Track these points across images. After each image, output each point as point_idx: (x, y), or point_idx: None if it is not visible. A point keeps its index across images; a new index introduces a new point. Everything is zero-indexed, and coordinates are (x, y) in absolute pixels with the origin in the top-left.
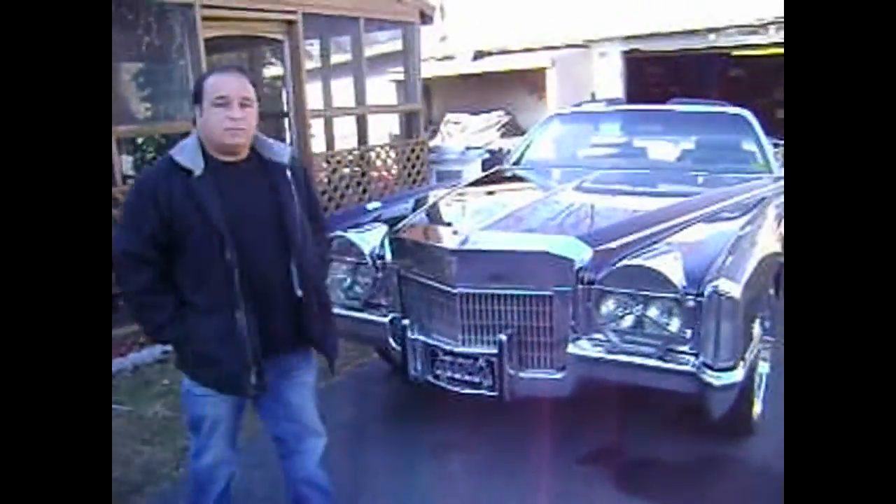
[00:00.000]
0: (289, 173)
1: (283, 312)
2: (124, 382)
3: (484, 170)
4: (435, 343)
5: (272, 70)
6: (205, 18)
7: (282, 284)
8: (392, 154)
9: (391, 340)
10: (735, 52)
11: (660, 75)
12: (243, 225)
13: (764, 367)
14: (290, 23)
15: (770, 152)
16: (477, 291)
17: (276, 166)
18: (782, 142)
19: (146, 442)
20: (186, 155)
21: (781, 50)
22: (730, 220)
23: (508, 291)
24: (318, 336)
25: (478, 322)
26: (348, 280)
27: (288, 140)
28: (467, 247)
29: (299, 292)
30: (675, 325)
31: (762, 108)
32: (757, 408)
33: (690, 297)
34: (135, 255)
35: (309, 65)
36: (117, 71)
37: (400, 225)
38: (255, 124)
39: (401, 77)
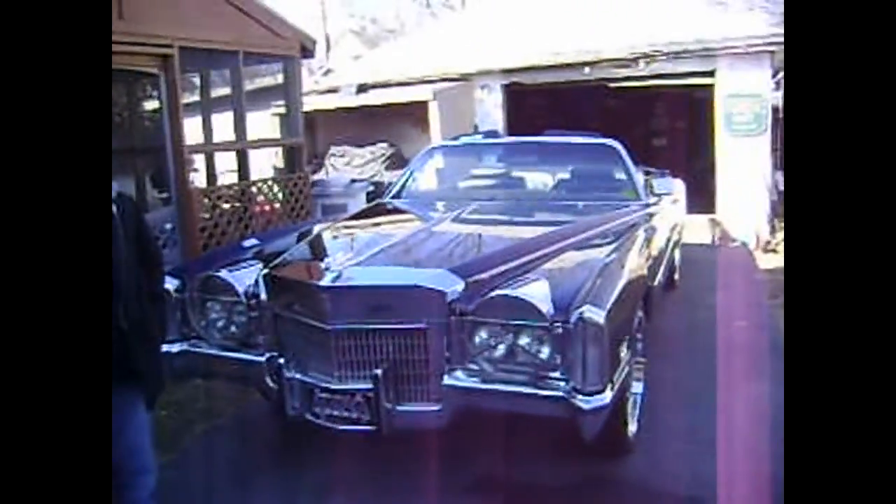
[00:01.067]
0: (114, 209)
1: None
2: None
3: (368, 202)
4: (312, 381)
5: (152, 103)
6: None
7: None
8: (275, 188)
9: (268, 380)
10: (612, 84)
11: (541, 107)
12: None
13: (637, 388)
14: (166, 57)
15: (639, 181)
16: (351, 327)
17: None
18: (653, 170)
19: None
20: None
21: (656, 82)
22: (598, 247)
23: (382, 326)
24: (141, 371)
25: (353, 358)
26: (223, 320)
27: (168, 175)
28: (339, 283)
29: (124, 327)
30: (545, 352)
31: (639, 138)
32: (632, 427)
33: (558, 324)
34: None
35: (189, 98)
36: None
37: (274, 262)
38: None
39: (283, 111)
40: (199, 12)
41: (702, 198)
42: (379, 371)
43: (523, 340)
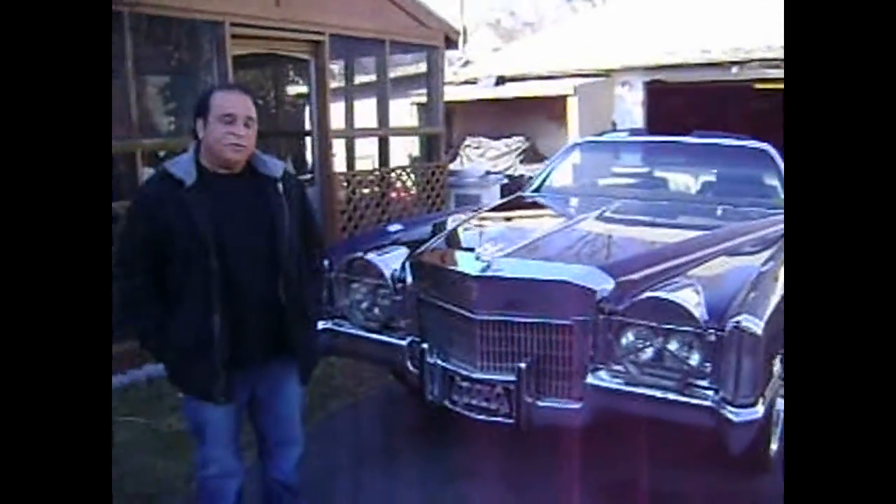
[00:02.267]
0: (280, 186)
1: (264, 322)
2: (138, 394)
3: (503, 195)
4: (453, 368)
5: (296, 88)
6: (234, 36)
7: (265, 294)
8: (412, 176)
9: (408, 364)
10: (757, 86)
11: (681, 106)
12: (231, 234)
13: (779, 404)
14: (317, 43)
15: None
16: (496, 318)
17: (268, 180)
18: None
19: (160, 454)
20: (180, 166)
21: None
22: (751, 255)
23: (528, 320)
24: (297, 345)
25: (496, 349)
26: (367, 302)
27: (310, 159)
28: (488, 273)
29: (283, 300)
30: (695, 359)
31: (783, 142)
32: (774, 444)
33: (712, 331)
34: (126, 263)
35: (332, 84)
36: (145, 84)
37: (421, 248)
38: (254, 142)
39: (423, 100)
40: (351, 1)
41: None
42: (522, 364)
43: (673, 345)
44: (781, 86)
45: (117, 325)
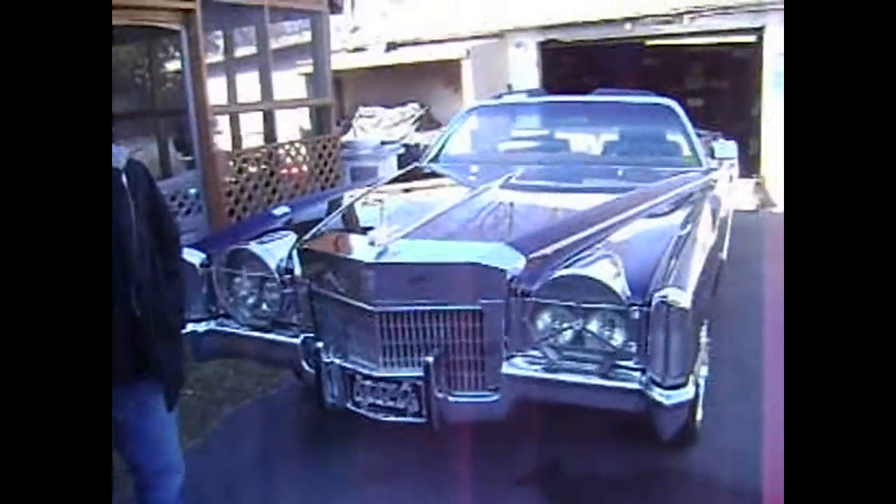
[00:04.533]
0: (124, 179)
1: (119, 336)
2: None
3: (400, 166)
4: (353, 367)
5: (174, 64)
6: None
7: (116, 304)
8: (302, 151)
9: (304, 364)
10: (648, 42)
11: (575, 66)
12: None
13: (703, 371)
14: (188, 11)
15: (698, 144)
16: (398, 309)
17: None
18: (705, 132)
19: None
20: None
21: (693, 41)
22: (666, 218)
23: (433, 307)
24: (157, 362)
25: (400, 342)
26: (253, 297)
27: (191, 139)
28: (385, 259)
29: (137, 312)
30: (618, 338)
31: (674, 98)
32: (699, 415)
33: (635, 307)
34: None
35: (213, 58)
36: None
37: (309, 234)
38: None
39: (310, 70)
40: None
41: (743, 160)
42: (430, 358)
43: (593, 325)
44: (671, 42)
45: None
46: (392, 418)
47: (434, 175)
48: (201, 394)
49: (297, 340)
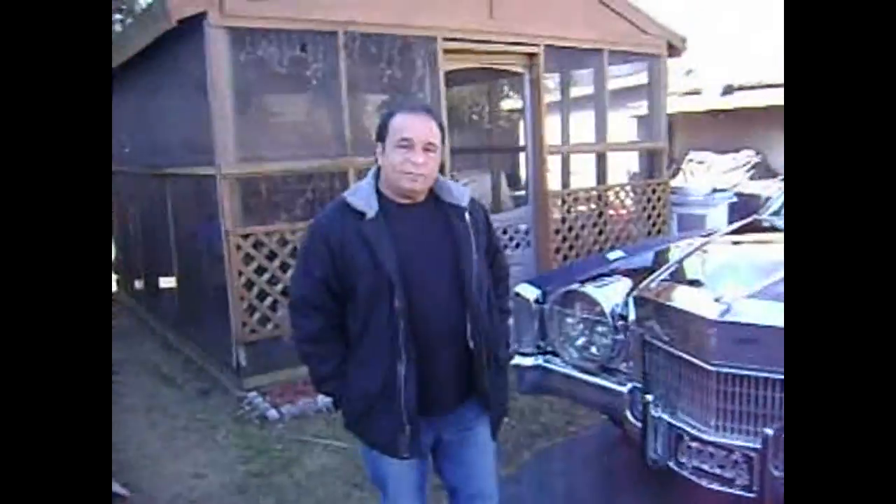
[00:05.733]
0: (467, 217)
1: (452, 365)
2: (280, 426)
3: (732, 215)
4: (681, 425)
5: (510, 103)
6: (446, 51)
7: (452, 334)
8: (631, 194)
9: (628, 414)
10: None
11: None
12: (415, 270)
13: None
14: (532, 55)
15: None
16: (738, 372)
17: (453, 209)
18: None
19: (356, 486)
20: (360, 196)
21: None
22: None
23: (778, 376)
24: (486, 391)
25: (737, 407)
26: (583, 339)
27: (524, 176)
28: (729, 318)
29: (471, 343)
30: None
31: None
32: None
33: None
34: (306, 301)
35: (547, 98)
36: (363, 103)
37: (646, 282)
38: (437, 169)
39: (642, 112)
40: (566, 9)
41: None
42: (770, 430)
43: None
44: None
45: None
46: (716, 486)
47: (778, 230)
48: (516, 424)
49: (623, 388)
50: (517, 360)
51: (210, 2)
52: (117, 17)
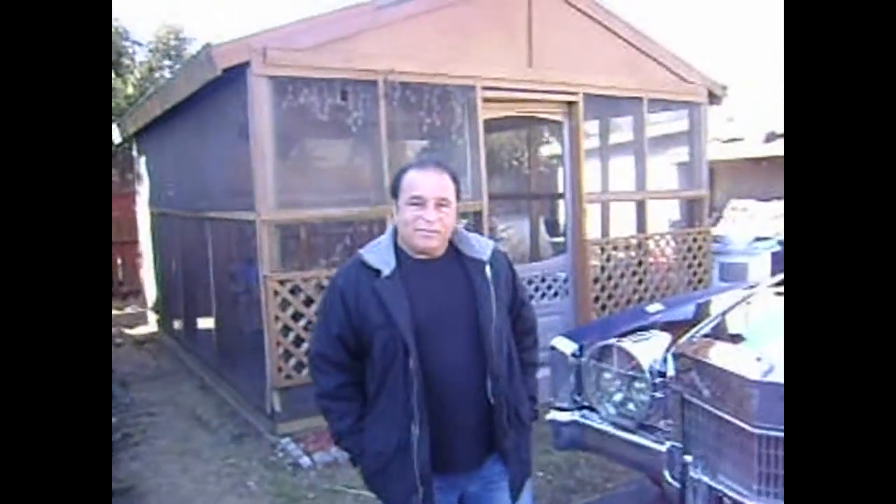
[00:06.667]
0: (488, 270)
1: (472, 422)
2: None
3: (775, 265)
4: (722, 488)
5: (548, 149)
6: (485, 100)
7: (472, 392)
8: (672, 243)
9: (667, 474)
10: None
11: None
12: (432, 328)
13: None
14: (571, 103)
15: None
16: (781, 434)
17: (473, 263)
18: None
19: None
20: (376, 253)
21: None
22: None
23: None
24: (507, 450)
25: (780, 471)
26: (621, 395)
27: (563, 222)
28: (772, 378)
29: (492, 400)
30: None
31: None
32: None
33: None
34: (324, 357)
35: (586, 145)
36: (402, 150)
37: (686, 337)
38: (452, 224)
39: (683, 159)
40: (606, 57)
41: None
42: None
43: None
44: None
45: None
46: None
47: None
48: (552, 479)
49: (662, 447)
50: (553, 414)
51: (253, 51)
52: (167, 62)
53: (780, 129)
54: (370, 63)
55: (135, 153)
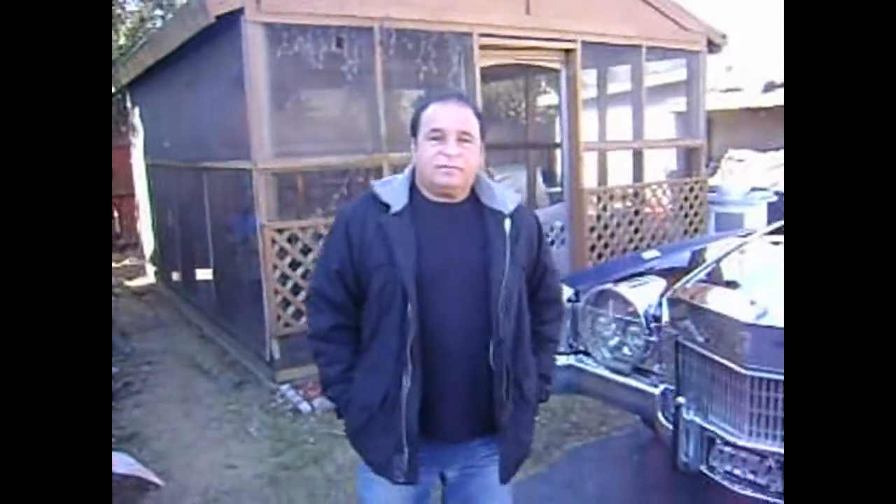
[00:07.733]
0: (507, 223)
1: (467, 386)
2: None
3: (771, 215)
4: (714, 429)
5: (546, 99)
6: (482, 47)
7: (472, 352)
8: (668, 192)
9: (660, 415)
10: None
11: None
12: (436, 275)
13: None
14: (569, 51)
15: None
16: (773, 376)
17: (493, 214)
18: None
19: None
20: (389, 188)
21: None
22: None
23: None
24: (503, 425)
25: (771, 413)
26: (616, 339)
27: (559, 172)
28: (765, 321)
29: (492, 364)
30: None
31: None
32: None
33: None
34: (321, 294)
35: (584, 94)
36: (398, 98)
37: (681, 283)
38: (476, 163)
39: (681, 108)
40: (604, 5)
41: None
42: None
43: None
44: None
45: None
46: (749, 492)
47: None
48: (548, 423)
49: (655, 390)
50: None
51: None
52: (158, 12)
53: (779, 79)
54: (366, 10)
55: (129, 104)
